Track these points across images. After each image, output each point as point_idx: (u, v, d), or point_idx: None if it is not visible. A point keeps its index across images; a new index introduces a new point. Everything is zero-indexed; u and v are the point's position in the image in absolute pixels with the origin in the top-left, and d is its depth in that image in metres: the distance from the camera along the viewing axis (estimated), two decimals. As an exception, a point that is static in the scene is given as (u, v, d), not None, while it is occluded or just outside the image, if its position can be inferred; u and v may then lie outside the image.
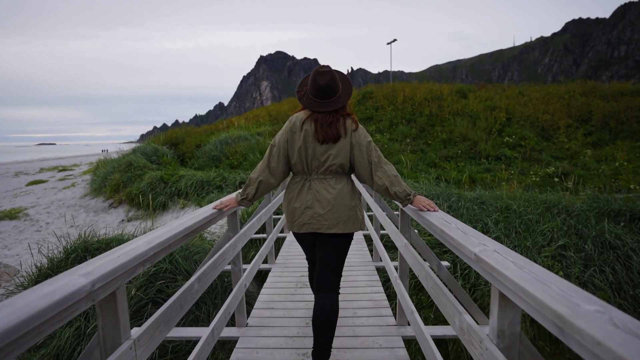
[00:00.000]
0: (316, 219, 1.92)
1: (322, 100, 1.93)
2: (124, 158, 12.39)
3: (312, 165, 1.95)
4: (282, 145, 1.97)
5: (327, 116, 1.91)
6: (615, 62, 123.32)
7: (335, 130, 1.90)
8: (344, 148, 1.91)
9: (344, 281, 2.87)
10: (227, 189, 9.65)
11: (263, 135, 13.56)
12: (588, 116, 12.73)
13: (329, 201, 1.91)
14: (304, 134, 1.92)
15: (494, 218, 6.16)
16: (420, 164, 10.98)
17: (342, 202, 1.93)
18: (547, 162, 10.34)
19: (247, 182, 2.03)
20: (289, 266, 4.30)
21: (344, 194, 1.95)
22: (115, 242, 5.54)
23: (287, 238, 5.51)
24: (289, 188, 2.05)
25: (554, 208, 6.53)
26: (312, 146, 1.92)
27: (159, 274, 4.63)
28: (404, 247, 2.16)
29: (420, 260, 1.94)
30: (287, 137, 1.96)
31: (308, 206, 1.94)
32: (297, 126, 1.94)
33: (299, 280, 3.75)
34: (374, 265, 4.10)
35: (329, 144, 1.91)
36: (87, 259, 5.09)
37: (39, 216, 11.12)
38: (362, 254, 4.64)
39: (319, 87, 1.90)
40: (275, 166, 1.98)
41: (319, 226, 1.93)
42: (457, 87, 16.67)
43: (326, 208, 1.91)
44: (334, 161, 1.91)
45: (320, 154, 1.92)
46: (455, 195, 7.23)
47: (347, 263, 3.73)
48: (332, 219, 1.92)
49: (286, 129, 1.98)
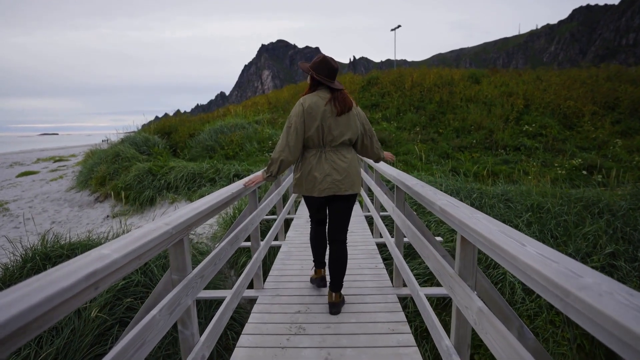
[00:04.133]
0: (335, 184, 2.32)
1: (332, 80, 2.35)
2: (111, 148, 11.53)
3: (326, 140, 2.31)
4: (299, 127, 2.27)
5: (340, 93, 2.34)
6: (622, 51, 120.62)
7: (349, 102, 2.34)
8: (353, 125, 2.34)
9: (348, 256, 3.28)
10: (221, 182, 8.80)
11: (261, 123, 12.63)
12: (615, 102, 11.69)
13: (345, 169, 2.34)
14: (322, 114, 2.27)
15: (525, 219, 5.30)
16: (431, 155, 10.07)
17: (353, 169, 2.38)
18: (572, 153, 9.40)
19: (270, 161, 2.34)
20: (297, 245, 4.43)
21: (354, 162, 2.40)
22: (81, 247, 4.71)
23: (293, 221, 5.77)
24: (306, 160, 2.38)
25: (593, 207, 5.62)
26: (327, 123, 2.28)
27: (129, 288, 3.82)
28: (398, 216, 2.57)
29: (409, 223, 2.30)
30: (303, 119, 2.28)
31: (327, 174, 2.31)
32: (316, 108, 2.27)
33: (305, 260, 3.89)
34: (374, 241, 4.41)
35: (343, 121, 2.30)
36: (47, 267, 3.95)
37: (20, 211, 10.33)
38: (363, 233, 4.85)
39: (332, 69, 2.33)
40: (294, 145, 2.28)
41: (338, 189, 2.34)
42: (469, 72, 15.60)
43: (343, 174, 2.33)
44: (345, 136, 2.32)
45: (334, 129, 2.30)
46: (476, 192, 6.35)
47: (351, 239, 4.25)
48: (348, 183, 2.35)
49: (301, 112, 2.28)
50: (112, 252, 0.85)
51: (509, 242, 0.91)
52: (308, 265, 3.55)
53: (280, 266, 3.55)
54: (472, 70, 16.30)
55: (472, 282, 1.30)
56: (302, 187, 2.40)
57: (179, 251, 1.33)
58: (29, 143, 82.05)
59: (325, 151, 2.32)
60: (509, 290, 3.99)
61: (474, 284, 1.32)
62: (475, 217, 1.18)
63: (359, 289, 2.92)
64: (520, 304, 3.90)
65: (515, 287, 4.00)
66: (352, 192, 2.38)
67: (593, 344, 3.69)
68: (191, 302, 1.34)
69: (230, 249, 1.99)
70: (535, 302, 3.93)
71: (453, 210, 1.31)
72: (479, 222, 1.13)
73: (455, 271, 1.34)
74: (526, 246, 0.87)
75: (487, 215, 1.24)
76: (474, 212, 1.30)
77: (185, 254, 1.36)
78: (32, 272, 4.17)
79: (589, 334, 3.79)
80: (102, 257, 0.82)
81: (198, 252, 4.79)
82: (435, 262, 1.60)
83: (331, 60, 2.33)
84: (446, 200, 1.51)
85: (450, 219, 1.35)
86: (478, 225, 1.11)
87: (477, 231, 1.08)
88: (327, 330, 2.25)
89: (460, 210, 1.31)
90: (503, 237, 0.95)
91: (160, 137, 12.57)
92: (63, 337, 3.20)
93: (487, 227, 1.06)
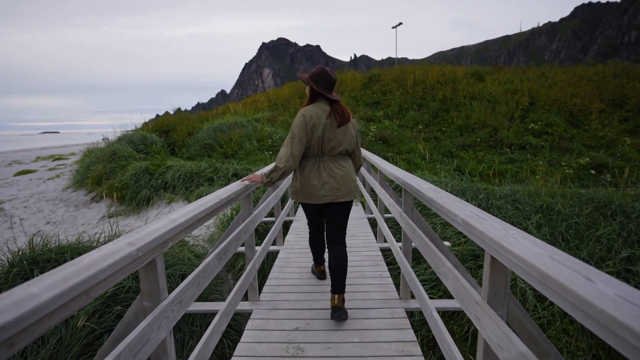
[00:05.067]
0: (333, 192, 2.42)
1: (330, 91, 2.45)
2: (108, 147, 11.30)
3: (325, 149, 2.42)
4: (302, 138, 2.35)
5: (339, 105, 2.46)
6: (624, 48, 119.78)
7: (347, 113, 2.48)
8: (349, 136, 2.47)
9: (350, 263, 3.32)
10: (219, 181, 8.58)
11: (261, 121, 12.38)
12: (622, 100, 11.41)
13: (342, 177, 2.45)
14: (323, 126, 2.37)
15: (535, 221, 5.08)
16: (434, 153, 9.82)
17: (349, 177, 2.49)
18: (580, 152, 9.15)
19: (273, 168, 2.39)
20: (296, 251, 4.18)
21: (350, 171, 2.52)
22: (70, 251, 4.51)
23: (293, 224, 5.46)
24: (305, 169, 2.47)
25: (605, 208, 5.40)
26: (327, 134, 2.39)
27: (120, 294, 3.64)
28: (406, 223, 2.35)
29: (421, 234, 2.04)
30: (306, 130, 2.36)
31: (326, 182, 2.41)
32: (317, 120, 2.36)
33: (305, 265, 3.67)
34: (378, 246, 4.15)
35: (341, 132, 2.43)
36: (35, 273, 3.90)
37: (15, 211, 10.13)
38: (366, 238, 4.59)
39: (331, 80, 2.43)
40: (297, 154, 2.36)
41: (336, 197, 2.43)
42: (473, 69, 15.32)
43: (340, 182, 2.43)
44: (342, 146, 2.44)
45: (333, 140, 2.41)
46: (483, 192, 6.12)
47: (353, 244, 4.06)
48: (345, 190, 2.45)
49: (303, 123, 2.35)
50: (41, 292, 0.63)
51: (569, 275, 0.68)
52: (308, 273, 3.35)
53: (278, 274, 3.30)
54: (475, 68, 16.02)
55: (503, 311, 1.07)
56: (301, 194, 2.51)
57: (151, 274, 1.09)
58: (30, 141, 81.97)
59: (323, 160, 2.45)
60: (519, 296, 3.78)
61: (506, 313, 1.09)
62: (512, 236, 0.95)
63: (362, 301, 2.68)
64: (532, 311, 3.69)
65: (526, 293, 3.79)
66: (349, 200, 2.51)
67: (610, 355, 3.48)
68: (166, 334, 1.11)
69: (217, 265, 1.74)
70: (548, 310, 3.72)
71: (481, 225, 1.07)
72: (518, 243, 0.90)
73: (483, 298, 1.10)
74: (596, 283, 0.65)
75: (523, 232, 1.01)
76: (507, 227, 1.07)
77: (158, 277, 1.12)
78: (18, 277, 3.98)
79: (604, 344, 3.58)
80: (25, 299, 0.60)
81: (194, 256, 4.59)
82: (456, 284, 1.36)
83: (330, 71, 2.45)
84: (469, 212, 1.27)
85: (477, 235, 1.11)
86: (517, 247, 0.88)
87: (518, 255, 0.85)
88: (328, 351, 2.02)
89: (490, 225, 1.07)
90: (560, 267, 0.71)
91: (158, 136, 12.33)
92: (49, 347, 3.03)
93: (532, 251, 0.83)
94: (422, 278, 3.87)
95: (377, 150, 9.89)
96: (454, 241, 4.52)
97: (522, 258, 0.83)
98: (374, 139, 10.65)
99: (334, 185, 2.42)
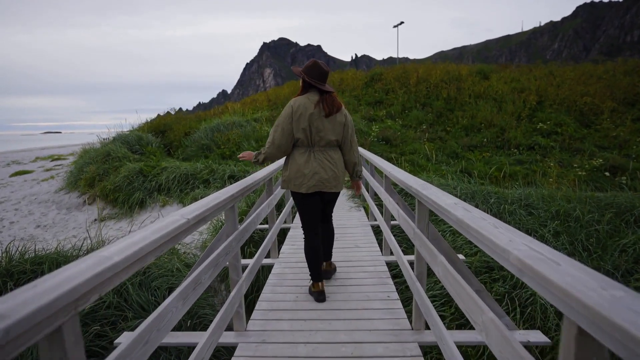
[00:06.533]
0: (322, 182, 2.54)
1: (323, 83, 2.54)
2: (102, 148, 10.95)
3: (314, 140, 2.51)
4: (285, 127, 2.47)
5: (329, 95, 2.54)
6: (627, 48, 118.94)
7: (337, 103, 2.57)
8: (338, 125, 2.55)
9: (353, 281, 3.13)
10: (216, 183, 8.23)
11: (260, 121, 12.02)
12: (635, 99, 11.00)
13: (331, 168, 2.56)
14: (310, 117, 2.45)
15: (551, 228, 4.70)
16: (439, 154, 9.44)
17: (339, 169, 2.62)
18: (591, 153, 8.76)
19: (260, 150, 2.59)
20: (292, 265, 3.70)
21: (339, 162, 2.64)
22: (48, 262, 4.18)
23: (289, 232, 4.95)
24: (295, 158, 2.56)
25: (626, 214, 5.01)
26: (315, 125, 2.47)
27: (99, 311, 3.29)
28: (422, 243, 1.97)
29: (443, 259, 1.65)
30: (290, 119, 2.46)
31: (315, 172, 2.52)
32: (304, 110, 2.45)
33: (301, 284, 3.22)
34: (384, 260, 3.73)
35: (329, 123, 2.51)
36: (8, 285, 3.61)
37: (5, 214, 9.81)
38: (370, 250, 4.10)
39: (323, 72, 2.53)
40: (279, 143, 2.48)
41: (324, 187, 2.56)
42: (477, 67, 14.93)
43: (329, 174, 2.55)
44: (331, 137, 2.53)
45: (321, 130, 2.49)
46: (493, 196, 5.75)
47: (357, 257, 3.78)
48: (333, 182, 2.58)
49: (289, 113, 2.47)
50: None
51: None
52: (305, 294, 2.92)
53: (270, 295, 2.90)
54: (480, 66, 15.63)
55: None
56: (291, 183, 2.59)
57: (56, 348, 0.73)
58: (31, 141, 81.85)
59: (313, 151, 2.53)
60: (540, 315, 3.41)
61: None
62: (619, 300, 0.59)
63: (369, 333, 2.26)
64: (554, 332, 3.32)
65: (547, 311, 3.42)
66: (337, 191, 2.64)
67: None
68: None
69: (182, 307, 1.34)
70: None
71: (556, 276, 0.70)
72: (630, 312, 0.54)
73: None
74: None
75: (632, 291, 0.65)
76: (602, 279, 0.69)
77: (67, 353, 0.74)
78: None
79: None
80: None
81: (184, 265, 4.22)
82: (493, 328, 1.01)
83: (322, 64, 2.54)
84: (526, 246, 0.88)
85: (555, 293, 0.71)
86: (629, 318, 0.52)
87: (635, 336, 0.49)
88: None
89: (571, 276, 0.70)
90: None
91: (155, 136, 11.98)
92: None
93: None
94: (431, 293, 3.49)
95: (379, 150, 9.52)
96: (466, 252, 4.15)
97: None
98: (376, 139, 10.27)
99: (323, 175, 2.51)
